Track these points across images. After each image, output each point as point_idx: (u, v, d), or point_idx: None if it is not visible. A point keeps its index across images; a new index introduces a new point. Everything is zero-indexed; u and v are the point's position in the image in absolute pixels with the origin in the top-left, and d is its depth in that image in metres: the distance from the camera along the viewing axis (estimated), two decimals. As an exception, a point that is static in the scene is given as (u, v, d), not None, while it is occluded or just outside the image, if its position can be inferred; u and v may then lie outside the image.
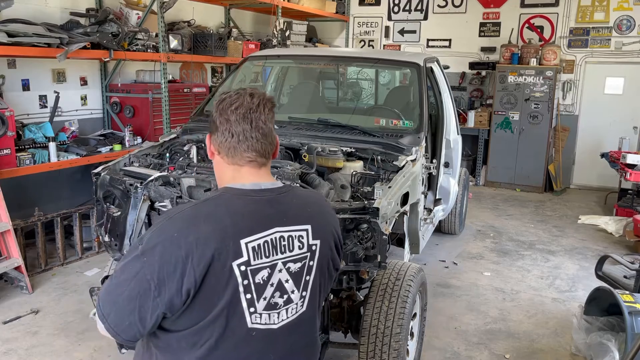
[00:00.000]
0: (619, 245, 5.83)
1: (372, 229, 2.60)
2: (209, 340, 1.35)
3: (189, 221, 1.34)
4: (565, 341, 3.76)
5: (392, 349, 2.72)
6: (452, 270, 5.02)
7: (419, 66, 4.19)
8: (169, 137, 3.85)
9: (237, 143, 1.41)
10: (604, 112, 8.20)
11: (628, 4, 7.83)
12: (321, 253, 1.49)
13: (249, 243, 1.35)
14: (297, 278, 1.44)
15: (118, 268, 1.34)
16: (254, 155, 1.42)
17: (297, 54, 5.60)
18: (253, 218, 1.38)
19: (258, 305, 1.38)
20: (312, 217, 1.49)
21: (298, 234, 1.44)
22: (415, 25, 9.22)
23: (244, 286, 1.35)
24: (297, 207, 1.48)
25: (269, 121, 1.44)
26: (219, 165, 1.49)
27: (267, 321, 1.40)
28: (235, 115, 1.40)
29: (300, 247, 1.44)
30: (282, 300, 1.42)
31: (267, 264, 1.38)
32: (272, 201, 1.43)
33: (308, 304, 1.49)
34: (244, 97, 1.42)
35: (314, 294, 1.50)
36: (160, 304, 1.29)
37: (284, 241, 1.41)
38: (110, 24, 5.09)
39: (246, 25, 8.33)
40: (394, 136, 3.63)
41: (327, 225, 1.55)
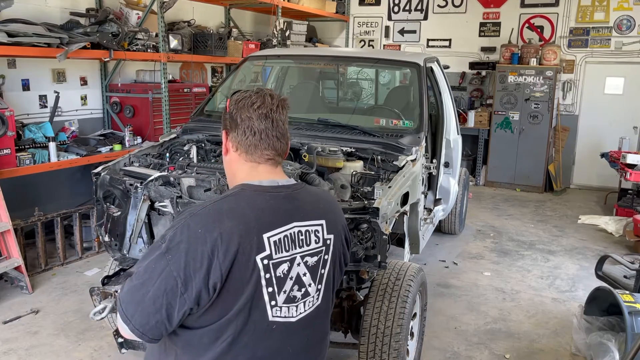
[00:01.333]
0: (619, 245, 5.83)
1: (372, 229, 2.60)
2: (231, 335, 1.36)
3: (213, 217, 1.35)
4: (565, 341, 3.76)
5: (392, 349, 2.72)
6: (452, 270, 5.02)
7: (419, 66, 4.19)
8: (169, 137, 3.85)
9: (258, 141, 1.45)
10: (604, 112, 8.20)
11: (628, 4, 7.83)
12: (335, 247, 1.54)
13: (271, 237, 1.38)
14: (313, 271, 1.48)
15: (140, 268, 1.34)
16: (272, 153, 1.47)
17: (297, 54, 5.60)
18: (273, 213, 1.42)
19: (279, 299, 1.41)
20: (325, 213, 1.54)
21: (314, 229, 1.48)
22: (415, 25, 9.22)
23: (266, 280, 1.38)
24: (311, 203, 1.52)
25: (286, 122, 1.51)
26: (234, 163, 1.51)
27: (286, 314, 1.43)
28: (257, 113, 1.44)
29: (316, 242, 1.48)
30: (300, 294, 1.45)
31: (287, 257, 1.41)
32: (289, 197, 1.47)
33: (323, 297, 1.53)
34: (265, 97, 1.46)
35: (328, 287, 1.55)
36: (188, 300, 1.30)
37: (302, 235, 1.45)
38: (110, 24, 5.09)
39: (246, 25, 8.33)
40: (394, 136, 3.62)
41: (338, 220, 1.59)
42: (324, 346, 1.64)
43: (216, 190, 2.73)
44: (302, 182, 1.58)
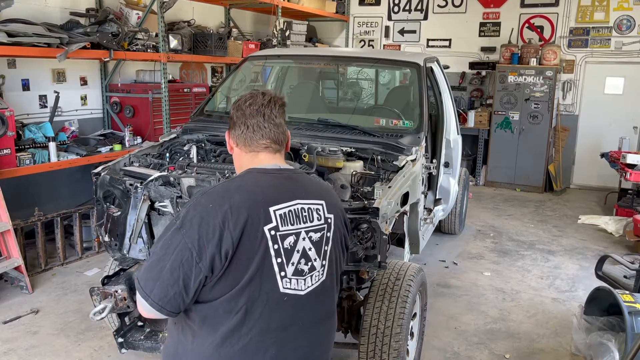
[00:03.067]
0: (619, 245, 5.83)
1: (372, 229, 2.60)
2: (245, 304, 1.46)
3: (223, 193, 1.51)
4: (565, 341, 3.77)
5: (392, 349, 2.72)
6: (452, 270, 5.02)
7: (419, 66, 4.19)
8: (169, 137, 3.85)
9: (252, 133, 1.62)
10: (604, 112, 8.20)
11: (628, 4, 7.83)
12: (335, 226, 1.67)
13: (277, 210, 1.52)
14: (318, 247, 1.61)
15: (157, 245, 1.47)
16: (268, 142, 1.63)
17: (297, 54, 5.60)
18: (278, 190, 1.57)
19: (288, 270, 1.52)
20: (324, 194, 1.69)
21: (316, 207, 1.62)
22: (415, 25, 9.22)
23: (275, 250, 1.50)
24: (311, 184, 1.69)
25: (280, 116, 1.66)
26: (238, 157, 1.69)
27: (295, 286, 1.54)
28: (249, 109, 1.62)
29: (318, 219, 1.62)
30: (307, 268, 1.57)
31: (293, 230, 1.54)
32: (291, 178, 1.64)
33: (327, 273, 1.64)
34: (257, 95, 1.65)
35: (331, 264, 1.66)
36: (203, 268, 1.41)
37: (305, 212, 1.59)
38: (110, 23, 5.09)
39: (246, 25, 8.33)
40: (394, 136, 3.63)
41: (337, 203, 1.74)
42: (332, 324, 1.74)
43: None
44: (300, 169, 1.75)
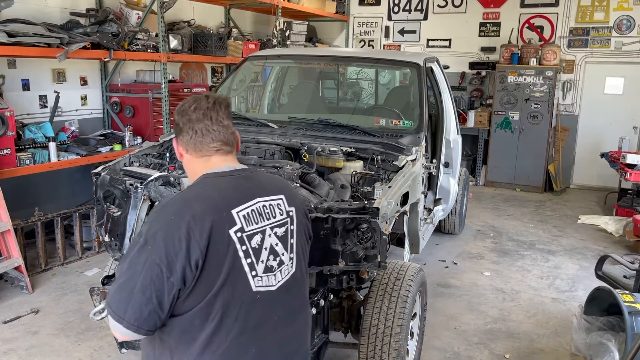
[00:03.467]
0: (619, 245, 5.83)
1: (372, 229, 2.60)
2: (220, 309, 1.46)
3: (182, 203, 1.50)
4: (565, 341, 3.77)
5: (392, 349, 2.72)
6: (452, 270, 5.02)
7: (419, 66, 4.19)
8: (169, 137, 3.85)
9: (202, 137, 1.60)
10: (604, 112, 8.20)
11: (628, 4, 7.83)
12: (298, 219, 1.70)
13: (240, 212, 1.53)
14: (284, 241, 1.64)
15: (124, 266, 1.44)
16: (219, 144, 1.61)
17: (297, 54, 5.60)
18: (237, 191, 1.57)
19: (258, 269, 1.54)
20: (283, 189, 1.72)
21: (276, 202, 1.65)
22: (415, 25, 9.22)
23: (244, 251, 1.50)
24: (268, 180, 1.72)
25: (227, 117, 1.63)
26: (189, 163, 1.66)
27: (267, 283, 1.56)
28: (195, 114, 1.59)
29: (280, 214, 1.65)
30: (276, 263, 1.60)
31: (258, 229, 1.56)
32: (248, 177, 1.64)
33: (296, 265, 1.68)
34: (201, 99, 1.62)
35: (299, 256, 1.69)
36: (175, 282, 1.40)
37: (267, 209, 1.61)
38: (110, 24, 5.09)
39: (246, 25, 8.33)
40: (394, 136, 3.63)
41: (296, 196, 1.78)
42: (307, 314, 1.78)
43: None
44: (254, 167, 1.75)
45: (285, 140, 3.48)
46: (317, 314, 2.64)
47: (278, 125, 3.77)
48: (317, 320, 2.75)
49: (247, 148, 3.42)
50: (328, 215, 2.60)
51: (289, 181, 2.78)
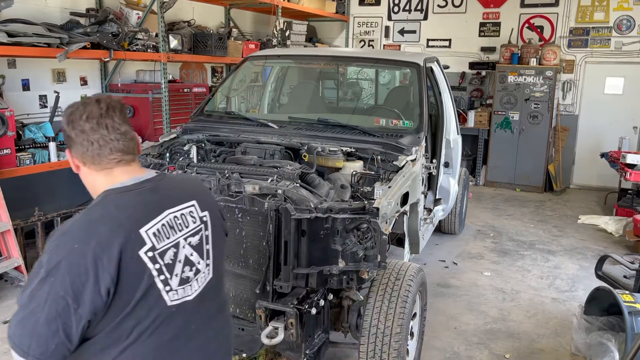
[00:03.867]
0: (619, 245, 5.83)
1: (372, 229, 2.60)
2: (134, 328, 1.39)
3: (85, 228, 1.37)
4: (565, 341, 3.77)
5: (392, 349, 2.72)
6: (452, 270, 5.02)
7: (419, 66, 4.19)
8: (169, 137, 3.85)
9: (99, 149, 1.45)
10: (604, 112, 8.20)
11: (628, 4, 7.83)
12: (212, 222, 1.64)
13: (149, 230, 1.43)
14: (199, 249, 1.57)
15: (24, 298, 1.32)
16: (119, 155, 1.48)
17: (297, 54, 5.60)
18: (144, 208, 1.46)
19: (172, 283, 1.47)
20: (194, 194, 1.63)
21: (188, 210, 1.56)
22: (415, 25, 9.22)
23: (157, 270, 1.42)
24: (177, 188, 1.62)
25: (124, 122, 1.49)
26: (88, 176, 1.52)
27: (183, 295, 1.50)
28: (88, 124, 1.43)
29: (194, 222, 1.57)
30: (192, 273, 1.54)
31: (170, 244, 1.48)
32: (154, 189, 1.52)
33: (213, 270, 1.63)
34: (91, 105, 1.45)
35: (216, 260, 1.65)
36: (84, 314, 1.31)
37: (179, 220, 1.52)
38: (110, 24, 5.09)
39: (246, 25, 8.33)
40: (394, 136, 3.63)
41: (209, 198, 1.71)
42: (227, 314, 1.75)
43: (216, 190, 2.73)
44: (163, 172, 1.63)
45: (285, 140, 3.48)
46: (317, 314, 2.64)
47: (278, 125, 3.77)
48: (317, 320, 2.75)
49: (247, 148, 3.42)
50: (328, 215, 2.60)
51: (289, 180, 2.78)
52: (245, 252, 2.76)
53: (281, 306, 2.56)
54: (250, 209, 2.71)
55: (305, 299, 2.63)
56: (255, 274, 2.73)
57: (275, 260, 2.65)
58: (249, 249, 2.75)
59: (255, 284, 2.72)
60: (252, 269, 2.75)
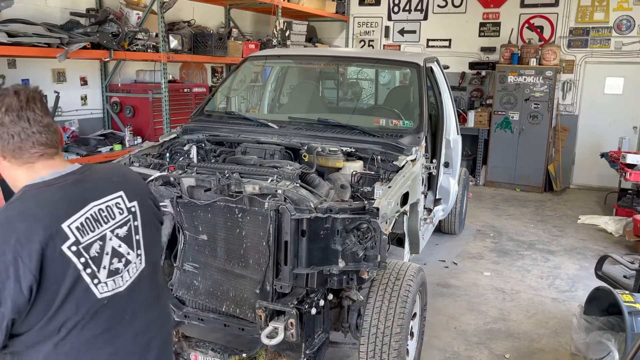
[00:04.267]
0: (618, 245, 5.83)
1: (372, 229, 2.60)
2: (65, 323, 1.39)
3: (4, 226, 1.35)
4: (565, 341, 3.77)
5: (392, 349, 2.72)
6: (452, 270, 5.02)
7: (419, 66, 4.19)
8: (169, 137, 3.86)
9: (20, 142, 1.41)
10: (603, 112, 8.20)
11: (628, 4, 7.83)
12: (142, 212, 1.62)
13: (71, 224, 1.41)
14: (128, 240, 1.56)
15: None
16: (42, 149, 1.44)
17: (297, 54, 5.60)
18: (65, 202, 1.44)
19: (100, 276, 1.46)
20: (121, 184, 1.60)
21: (115, 202, 1.55)
22: (415, 25, 9.23)
23: (82, 264, 1.41)
24: (103, 179, 1.58)
25: (45, 114, 1.45)
26: (9, 170, 1.48)
27: (113, 287, 1.49)
28: (8, 117, 1.39)
29: (120, 213, 1.55)
30: (122, 264, 1.53)
31: (96, 237, 1.46)
32: (78, 181, 1.49)
33: (145, 259, 1.62)
34: (10, 97, 1.41)
35: (148, 250, 1.63)
36: (7, 313, 1.30)
37: (104, 212, 1.50)
38: (110, 24, 5.09)
39: (246, 25, 8.33)
40: (394, 136, 3.63)
41: (138, 187, 1.68)
42: (163, 304, 1.74)
43: (216, 190, 2.74)
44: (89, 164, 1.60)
45: (285, 140, 3.48)
46: (317, 314, 2.64)
47: (278, 125, 3.77)
48: (317, 320, 2.75)
49: (247, 148, 3.42)
50: (328, 215, 2.60)
51: (289, 180, 2.78)
52: (245, 252, 2.76)
53: (281, 306, 2.56)
54: (250, 209, 2.71)
55: (305, 299, 2.63)
56: (255, 274, 2.74)
57: (275, 260, 2.65)
58: (249, 249, 2.75)
59: (255, 284, 2.72)
60: (252, 269, 2.75)
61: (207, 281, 2.89)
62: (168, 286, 2.96)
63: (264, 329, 2.55)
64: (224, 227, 2.80)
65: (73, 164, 1.53)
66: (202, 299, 2.90)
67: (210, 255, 2.87)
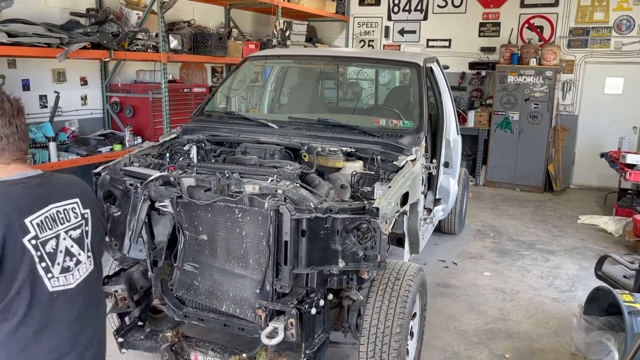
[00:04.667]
0: (618, 245, 5.84)
1: (372, 229, 2.60)
2: (18, 311, 1.55)
3: None
4: (565, 341, 3.77)
5: (392, 349, 2.72)
6: (452, 270, 5.02)
7: (418, 66, 4.19)
8: (169, 137, 3.85)
9: (6, 145, 1.61)
10: (603, 112, 8.20)
11: (628, 4, 7.83)
12: (93, 219, 1.82)
13: (33, 220, 1.59)
14: (80, 242, 1.75)
15: None
16: (20, 154, 1.65)
17: (297, 54, 5.60)
18: (30, 200, 1.62)
19: (54, 271, 1.63)
20: (78, 193, 1.80)
21: (71, 207, 1.74)
22: (415, 26, 9.23)
23: (39, 257, 1.58)
24: (62, 186, 1.78)
25: (25, 122, 1.67)
26: None
27: (64, 282, 1.67)
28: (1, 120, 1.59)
29: (75, 217, 1.75)
30: (73, 263, 1.71)
31: (52, 235, 1.64)
32: (42, 184, 1.68)
33: (94, 262, 1.81)
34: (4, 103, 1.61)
35: (95, 254, 1.82)
36: None
37: (61, 214, 1.69)
38: (111, 24, 5.09)
39: (246, 25, 8.34)
40: (394, 136, 3.63)
41: (91, 198, 1.88)
42: (102, 307, 1.92)
43: (216, 190, 2.74)
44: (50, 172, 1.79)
45: (285, 140, 3.48)
46: (317, 314, 2.65)
47: (278, 125, 3.77)
48: (317, 320, 2.75)
49: (247, 148, 3.42)
50: (328, 215, 2.60)
51: (289, 180, 2.79)
52: (245, 252, 2.76)
53: (281, 306, 2.56)
54: (250, 209, 2.71)
55: (305, 299, 2.64)
56: (255, 274, 2.74)
57: (275, 260, 2.65)
58: (249, 249, 2.75)
59: (255, 284, 2.72)
60: (252, 269, 2.75)
61: (207, 281, 2.89)
62: (168, 286, 2.95)
63: (264, 329, 2.55)
64: (224, 227, 2.80)
65: (36, 169, 1.72)
66: (202, 298, 2.90)
67: (210, 255, 2.87)
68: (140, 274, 3.14)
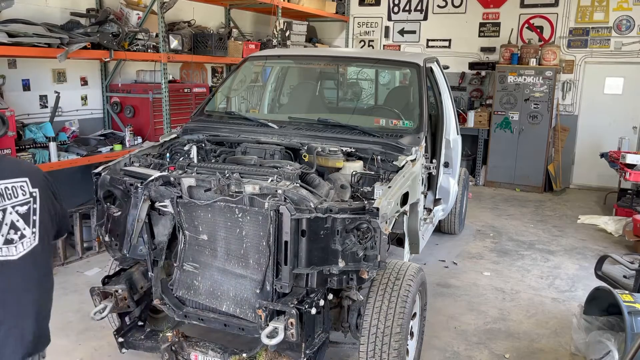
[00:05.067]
0: (618, 245, 5.84)
1: (372, 229, 2.61)
2: None
3: None
4: (565, 341, 3.77)
5: (392, 349, 2.72)
6: (452, 270, 5.03)
7: (418, 66, 4.20)
8: (169, 137, 3.86)
9: None
10: (603, 112, 8.20)
11: (628, 4, 7.83)
12: (42, 198, 1.93)
13: None
14: (26, 218, 1.86)
15: None
16: None
17: (297, 54, 5.60)
18: None
19: None
20: (28, 172, 1.92)
21: (19, 184, 1.86)
22: (415, 26, 9.23)
23: None
24: (12, 165, 1.96)
25: None
26: None
27: (7, 253, 1.79)
28: None
29: (23, 194, 1.86)
30: (17, 236, 1.82)
31: None
32: None
33: (39, 239, 1.91)
34: None
35: (42, 231, 1.92)
36: None
37: (9, 190, 1.82)
38: (111, 24, 5.09)
39: (246, 26, 8.34)
40: (394, 136, 3.63)
41: (42, 179, 1.98)
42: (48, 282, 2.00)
43: (216, 190, 2.74)
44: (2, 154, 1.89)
45: (285, 140, 3.48)
46: (317, 313, 2.65)
47: (278, 125, 3.77)
48: (317, 320, 2.76)
49: (247, 148, 3.43)
50: (328, 215, 2.60)
51: (289, 180, 2.79)
52: (245, 252, 2.76)
53: (281, 306, 2.57)
54: (251, 209, 2.71)
55: (305, 299, 2.64)
56: (255, 274, 2.74)
57: (275, 260, 2.66)
58: (249, 249, 2.75)
59: (256, 284, 2.73)
60: (252, 269, 2.75)
61: (207, 281, 2.89)
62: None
63: (264, 329, 2.55)
64: (224, 227, 2.80)
65: None
66: (202, 298, 2.91)
67: (210, 255, 2.88)
68: (141, 274, 3.14)
